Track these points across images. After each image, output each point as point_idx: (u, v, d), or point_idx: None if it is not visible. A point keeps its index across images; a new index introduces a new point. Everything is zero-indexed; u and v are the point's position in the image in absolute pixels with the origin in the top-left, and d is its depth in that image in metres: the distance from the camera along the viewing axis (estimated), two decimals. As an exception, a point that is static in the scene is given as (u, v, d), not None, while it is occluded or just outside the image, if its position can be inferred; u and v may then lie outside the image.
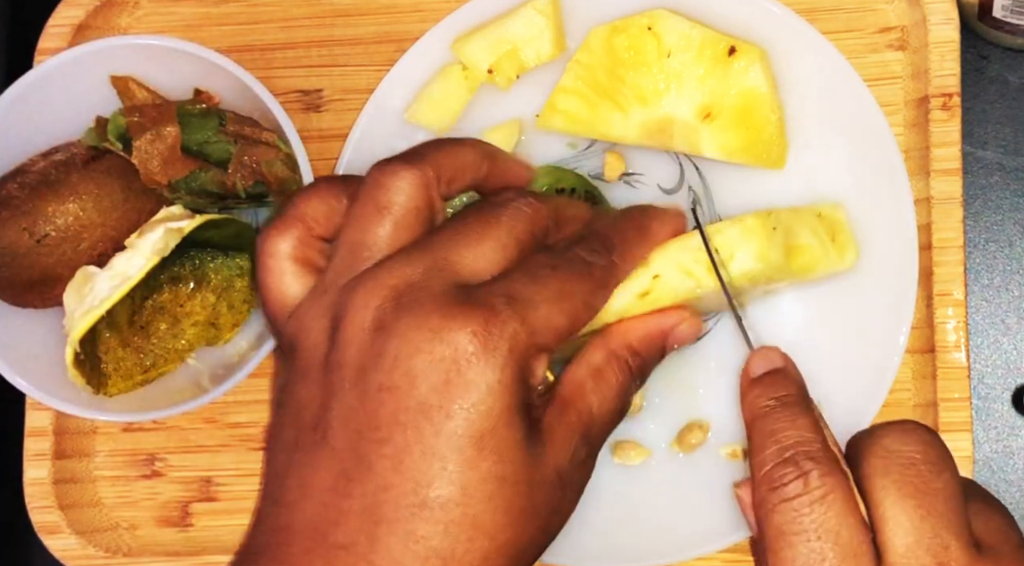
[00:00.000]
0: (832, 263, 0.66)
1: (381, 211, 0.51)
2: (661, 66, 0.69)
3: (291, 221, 0.53)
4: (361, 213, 0.52)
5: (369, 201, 0.52)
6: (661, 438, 0.70)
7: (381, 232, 0.51)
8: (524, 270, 0.51)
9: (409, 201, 0.52)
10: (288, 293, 0.53)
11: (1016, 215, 0.74)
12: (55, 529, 0.73)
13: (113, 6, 0.76)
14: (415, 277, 0.49)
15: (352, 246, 0.51)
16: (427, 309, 0.48)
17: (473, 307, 0.48)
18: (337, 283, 0.51)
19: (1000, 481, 0.72)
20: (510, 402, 0.48)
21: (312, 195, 0.54)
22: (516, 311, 0.49)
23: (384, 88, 0.72)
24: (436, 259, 0.50)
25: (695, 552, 0.68)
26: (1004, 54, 0.75)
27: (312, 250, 0.53)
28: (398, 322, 0.48)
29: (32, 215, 0.69)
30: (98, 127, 0.72)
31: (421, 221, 0.52)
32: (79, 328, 0.67)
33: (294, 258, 0.53)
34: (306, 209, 0.54)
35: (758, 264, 0.61)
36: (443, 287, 0.49)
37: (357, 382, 0.48)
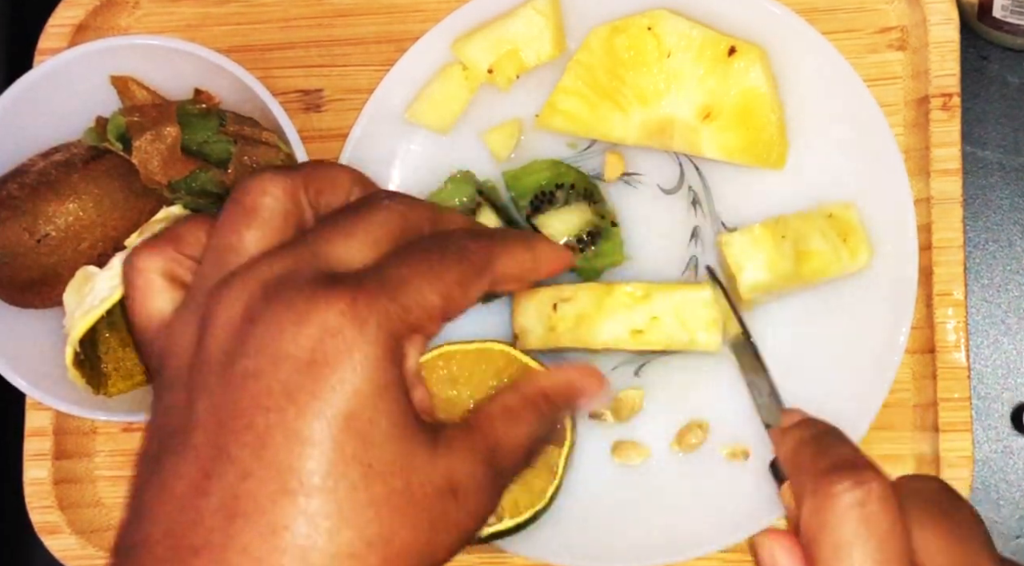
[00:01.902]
0: (844, 265, 0.66)
1: (248, 214, 0.50)
2: (661, 66, 0.69)
3: (162, 240, 0.52)
4: (227, 217, 0.50)
5: (236, 205, 0.50)
6: (661, 438, 0.70)
7: (248, 235, 0.49)
8: (396, 256, 0.49)
9: (276, 203, 0.50)
10: (156, 309, 0.51)
11: (1016, 215, 0.74)
12: (55, 529, 0.73)
13: (113, 6, 0.76)
14: (282, 269, 0.47)
15: (219, 250, 0.50)
16: (295, 294, 0.46)
17: (337, 287, 0.46)
18: (204, 287, 0.49)
19: (1000, 481, 0.72)
20: (381, 382, 0.45)
21: (188, 220, 0.53)
22: (385, 288, 0.47)
23: (384, 88, 0.72)
24: (305, 251, 0.48)
25: (695, 552, 0.68)
26: (1004, 54, 0.75)
27: (182, 268, 0.51)
28: (266, 310, 0.46)
29: (32, 215, 0.69)
30: (98, 127, 0.72)
31: (289, 225, 0.50)
32: (79, 328, 0.67)
33: (163, 274, 0.51)
34: (179, 230, 0.52)
35: (767, 275, 0.61)
36: (313, 275, 0.47)
37: (221, 374, 0.46)
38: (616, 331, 0.58)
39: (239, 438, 0.45)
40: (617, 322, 0.58)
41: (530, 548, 0.68)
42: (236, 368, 0.45)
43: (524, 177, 0.71)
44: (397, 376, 0.46)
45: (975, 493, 0.72)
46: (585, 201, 0.70)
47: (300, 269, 0.47)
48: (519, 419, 0.52)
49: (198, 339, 0.47)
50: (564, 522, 0.69)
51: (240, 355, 0.46)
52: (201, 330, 0.47)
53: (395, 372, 0.46)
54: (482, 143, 0.72)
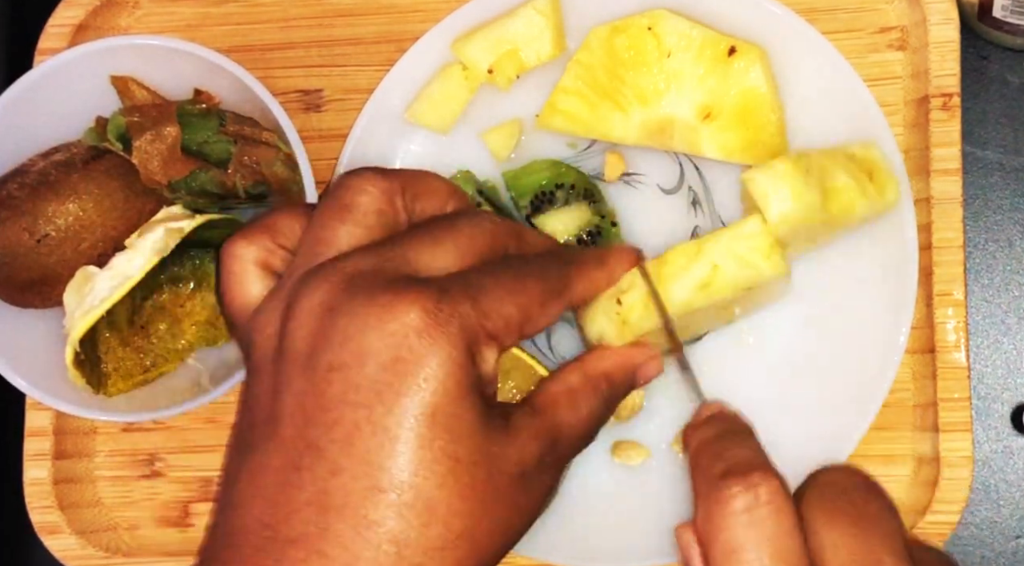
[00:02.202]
0: (873, 202, 0.65)
1: (343, 210, 0.51)
2: (661, 66, 0.69)
3: (258, 229, 0.54)
4: (324, 211, 0.52)
5: (333, 200, 0.52)
6: (661, 438, 0.70)
7: (342, 230, 0.51)
8: (480, 268, 0.51)
9: (372, 203, 0.51)
10: (250, 296, 0.52)
11: (1016, 215, 0.74)
12: (55, 529, 0.73)
13: (113, 6, 0.76)
14: (367, 266, 0.49)
15: (312, 242, 0.51)
16: (377, 289, 0.47)
17: (423, 286, 0.47)
18: (294, 276, 0.50)
19: (1000, 481, 0.72)
20: (461, 380, 0.47)
21: (283, 210, 0.54)
22: (468, 294, 0.48)
23: (384, 88, 0.72)
24: (392, 253, 0.50)
25: (695, 552, 0.68)
26: (1004, 54, 0.75)
27: (276, 258, 0.53)
28: (350, 303, 0.47)
29: (32, 215, 0.69)
30: (98, 127, 0.72)
31: (383, 225, 0.52)
32: (79, 328, 0.67)
33: (257, 262, 0.53)
34: (274, 221, 0.54)
35: (796, 204, 0.60)
36: (397, 274, 0.48)
37: (306, 365, 0.47)
38: (685, 294, 0.58)
39: (328, 433, 0.46)
40: (682, 286, 0.58)
41: (530, 548, 0.68)
42: (320, 361, 0.47)
43: (524, 177, 0.71)
44: (476, 375, 0.48)
45: (975, 493, 0.72)
46: (585, 201, 0.70)
47: (384, 267, 0.49)
48: (582, 400, 0.54)
49: (281, 327, 0.49)
50: (564, 522, 0.69)
51: (324, 348, 0.47)
52: (284, 318, 0.49)
53: (474, 371, 0.48)
54: (482, 143, 0.72)
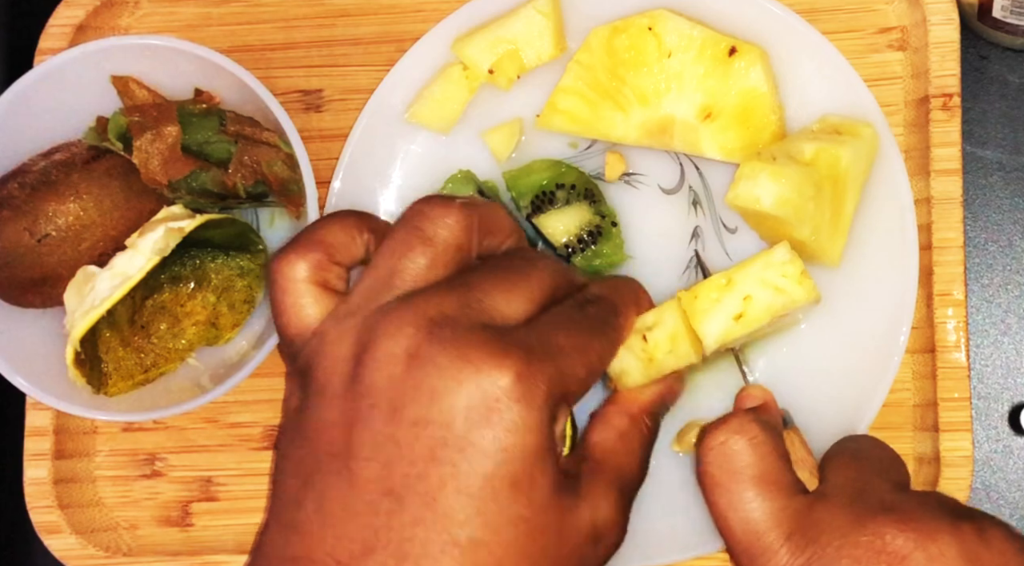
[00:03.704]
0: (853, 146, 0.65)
1: (423, 241, 0.51)
2: (661, 66, 0.69)
3: (311, 245, 0.53)
4: (401, 240, 0.51)
5: (412, 229, 0.51)
6: (661, 438, 0.70)
7: (419, 262, 0.50)
8: (551, 322, 0.51)
9: (452, 237, 0.51)
10: (305, 315, 0.52)
11: (1016, 215, 0.74)
12: (55, 529, 0.73)
13: (113, 6, 0.76)
14: (451, 310, 0.48)
15: (386, 271, 0.50)
16: (465, 343, 0.47)
17: (512, 347, 0.48)
18: (365, 307, 0.50)
19: (1000, 481, 0.72)
20: (541, 444, 0.48)
21: (334, 223, 0.54)
22: (551, 357, 0.49)
23: (384, 88, 0.72)
24: (470, 297, 0.49)
25: (695, 552, 0.68)
26: (1004, 54, 0.75)
27: (331, 275, 0.52)
28: (435, 354, 0.47)
29: (33, 215, 0.69)
30: (98, 127, 0.72)
31: (459, 261, 0.51)
32: (79, 328, 0.67)
33: (312, 281, 0.52)
34: (326, 235, 0.53)
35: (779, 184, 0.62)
36: (478, 324, 0.48)
37: (390, 413, 0.47)
38: (720, 328, 0.59)
39: (411, 485, 0.47)
40: (717, 320, 0.59)
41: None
42: (407, 413, 0.47)
43: (524, 177, 0.71)
44: (552, 439, 0.49)
45: (975, 493, 0.72)
46: (585, 201, 0.70)
47: (464, 315, 0.49)
48: (633, 442, 0.56)
49: (356, 359, 0.48)
50: (564, 522, 0.69)
51: (411, 399, 0.47)
52: (360, 351, 0.48)
53: (551, 435, 0.49)
54: (482, 143, 0.72)
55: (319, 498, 0.48)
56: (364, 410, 0.48)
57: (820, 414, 0.68)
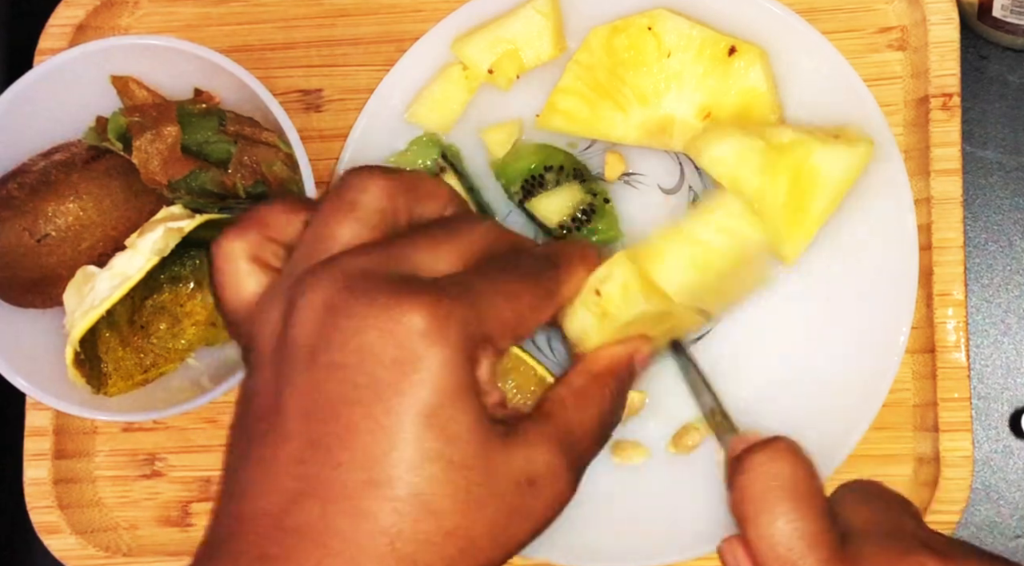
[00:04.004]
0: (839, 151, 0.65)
1: (345, 207, 0.52)
2: (661, 66, 0.69)
3: (248, 224, 0.54)
4: (326, 208, 0.52)
5: (336, 197, 0.52)
6: (661, 438, 0.70)
7: (344, 227, 0.51)
8: (475, 271, 0.51)
9: (375, 201, 0.52)
10: (244, 292, 0.53)
11: (1016, 215, 0.74)
12: (55, 529, 0.73)
13: (113, 6, 0.76)
14: (369, 265, 0.49)
15: (313, 239, 0.52)
16: (379, 290, 0.48)
17: (424, 288, 0.48)
18: (294, 273, 0.51)
19: (1000, 481, 0.72)
20: (459, 382, 0.48)
21: (272, 203, 0.54)
22: (466, 296, 0.49)
23: (384, 88, 0.72)
24: (392, 252, 0.50)
25: (695, 552, 0.68)
26: (1004, 54, 0.75)
27: (268, 252, 0.53)
28: (350, 302, 0.48)
29: (32, 215, 0.69)
30: (98, 127, 0.72)
31: (384, 224, 0.52)
32: (79, 328, 0.67)
33: (249, 258, 0.53)
34: (264, 215, 0.54)
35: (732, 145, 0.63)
36: (397, 274, 0.49)
37: (309, 362, 0.48)
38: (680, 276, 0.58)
39: (328, 428, 0.47)
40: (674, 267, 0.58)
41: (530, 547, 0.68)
42: (321, 359, 0.48)
43: (512, 163, 0.70)
44: (472, 378, 0.49)
45: (975, 493, 0.72)
46: (576, 181, 0.70)
47: (386, 266, 0.49)
48: (590, 400, 0.55)
49: (283, 324, 0.49)
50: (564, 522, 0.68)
51: (324, 347, 0.48)
52: (286, 315, 0.49)
53: (471, 374, 0.49)
54: (482, 143, 0.72)
55: (255, 459, 0.48)
56: (287, 365, 0.49)
57: (820, 414, 0.68)
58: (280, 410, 0.48)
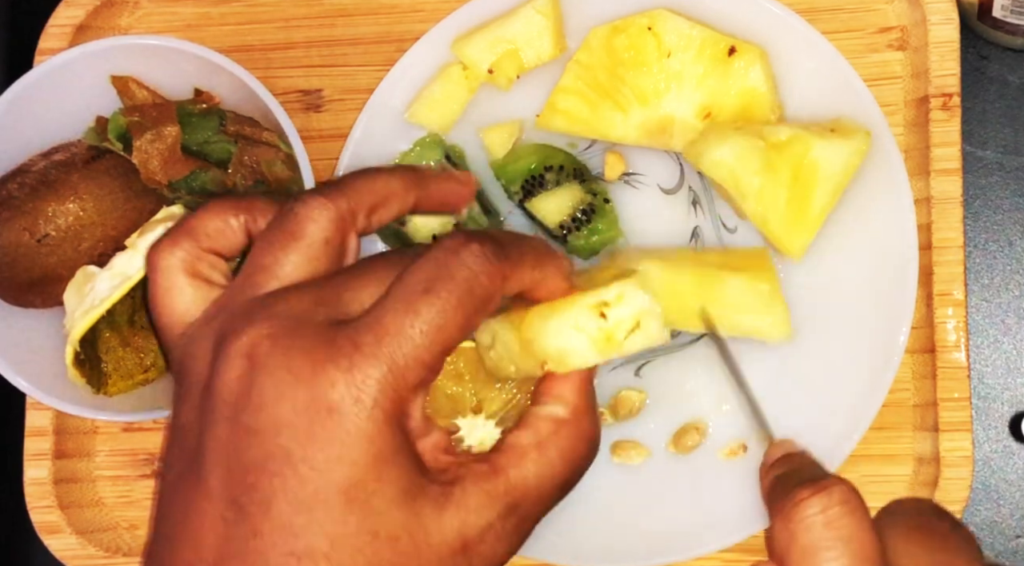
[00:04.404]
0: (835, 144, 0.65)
1: (288, 238, 0.49)
2: (661, 66, 0.69)
3: (181, 234, 0.52)
4: (267, 238, 0.50)
5: (279, 228, 0.50)
6: (661, 438, 0.70)
7: (285, 260, 0.49)
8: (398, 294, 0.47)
9: (320, 232, 0.50)
10: (179, 307, 0.51)
11: (1016, 215, 0.74)
12: (55, 529, 0.73)
13: (113, 6, 0.76)
14: (300, 310, 0.47)
15: (254, 270, 0.50)
16: (297, 347, 0.46)
17: (339, 350, 0.46)
18: (228, 306, 0.49)
19: (1000, 481, 0.72)
20: (381, 451, 0.46)
21: (204, 210, 0.52)
22: (383, 352, 0.46)
23: (384, 88, 0.72)
24: (324, 292, 0.48)
25: (695, 552, 0.68)
26: (1004, 54, 0.75)
27: (203, 263, 0.52)
28: (269, 359, 0.46)
29: (32, 215, 0.69)
30: (98, 127, 0.72)
31: (330, 256, 0.50)
32: (79, 327, 0.67)
33: (184, 271, 0.51)
34: (197, 224, 0.52)
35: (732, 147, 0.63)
36: (322, 323, 0.47)
37: (231, 419, 0.46)
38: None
39: (248, 495, 0.45)
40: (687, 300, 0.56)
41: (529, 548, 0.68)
42: (241, 419, 0.46)
43: (512, 164, 0.71)
44: (399, 440, 0.46)
45: (975, 493, 0.72)
46: (576, 180, 0.70)
47: (313, 312, 0.47)
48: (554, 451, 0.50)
49: (212, 364, 0.47)
50: (564, 522, 0.69)
51: (244, 407, 0.46)
52: (215, 354, 0.47)
53: (396, 437, 0.46)
54: (482, 143, 0.72)
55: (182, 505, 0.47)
56: (210, 414, 0.47)
57: (820, 414, 0.68)
58: (203, 459, 0.47)
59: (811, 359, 0.69)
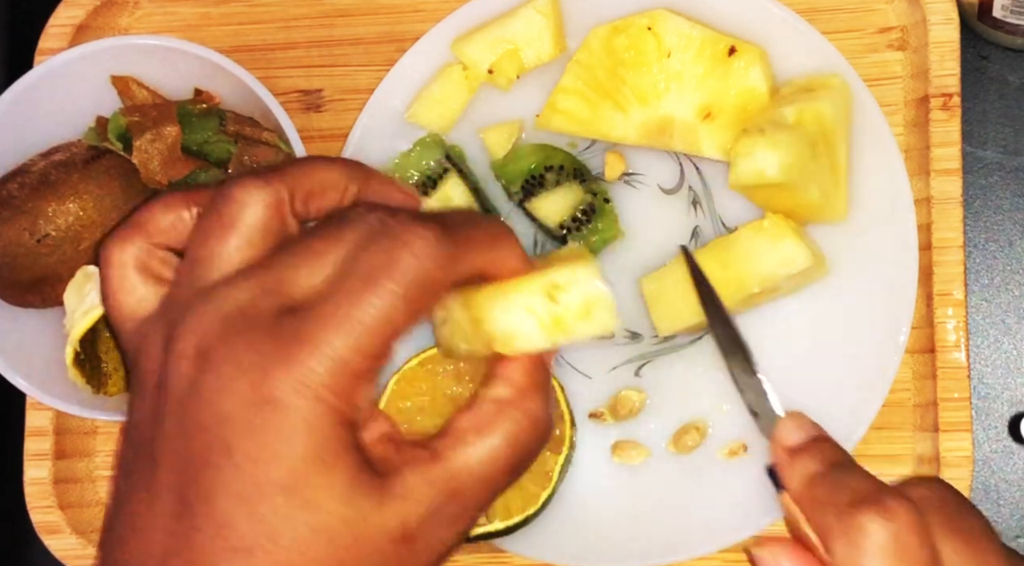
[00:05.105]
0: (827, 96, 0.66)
1: (226, 226, 0.49)
2: (661, 66, 0.69)
3: (132, 230, 0.51)
4: (206, 227, 0.49)
5: (215, 215, 0.49)
6: (661, 438, 0.70)
7: (224, 248, 0.48)
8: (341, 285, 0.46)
9: (256, 218, 0.49)
10: (130, 304, 0.50)
11: (1016, 215, 0.74)
12: (55, 529, 0.73)
13: (113, 6, 0.76)
14: (245, 300, 0.46)
15: (194, 261, 0.49)
16: (243, 340, 0.46)
17: (281, 342, 0.45)
18: (175, 301, 0.48)
19: (1000, 481, 0.72)
20: (322, 446, 0.45)
21: (155, 204, 0.51)
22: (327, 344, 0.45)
23: (384, 88, 0.72)
24: (269, 281, 0.47)
25: (695, 552, 0.68)
26: (1004, 54, 0.75)
27: (154, 260, 0.51)
28: (215, 353, 0.46)
29: (32, 215, 0.69)
30: (98, 127, 0.72)
31: (269, 240, 0.49)
32: (79, 327, 0.67)
33: (135, 267, 0.51)
34: (148, 218, 0.51)
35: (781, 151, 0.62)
36: (269, 313, 0.46)
37: (180, 415, 0.46)
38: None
39: (194, 490, 0.45)
40: None
41: (530, 548, 0.68)
42: (188, 414, 0.46)
43: (512, 164, 0.71)
44: (341, 432, 0.46)
45: (975, 493, 0.72)
46: (576, 180, 0.70)
47: (259, 302, 0.47)
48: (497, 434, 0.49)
49: (162, 359, 0.47)
50: (564, 522, 0.69)
51: (192, 403, 0.46)
52: (165, 351, 0.47)
53: (339, 429, 0.46)
54: (482, 143, 0.72)
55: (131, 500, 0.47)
56: (162, 409, 0.47)
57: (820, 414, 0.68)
58: (155, 456, 0.47)
59: (811, 359, 0.69)
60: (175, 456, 0.46)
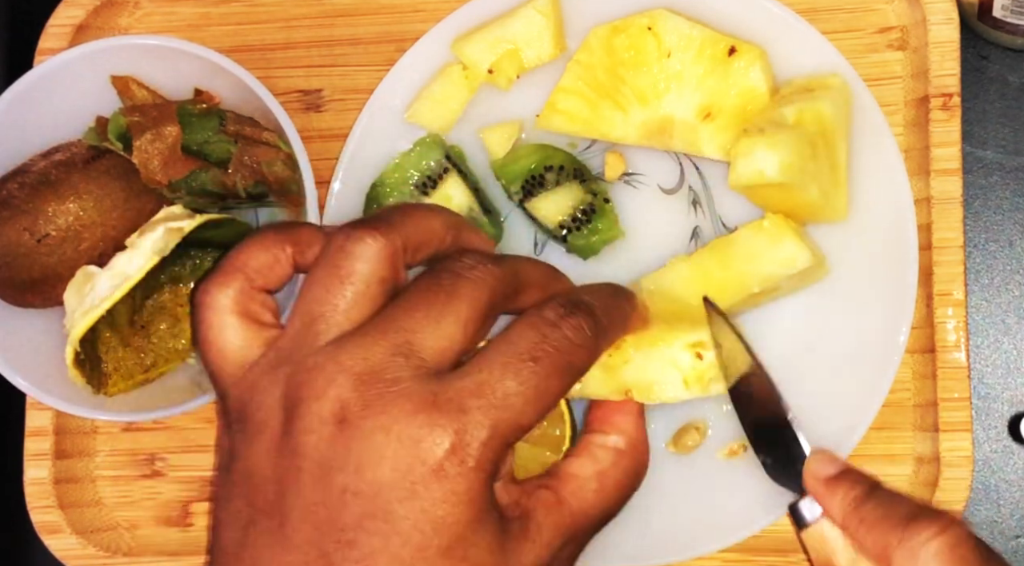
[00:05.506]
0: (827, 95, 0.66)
1: (343, 280, 0.49)
2: (661, 66, 0.69)
3: (231, 273, 0.51)
4: (321, 280, 0.49)
5: (331, 268, 0.49)
6: (661, 438, 0.70)
7: (341, 303, 0.48)
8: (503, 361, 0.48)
9: (373, 272, 0.49)
10: (230, 348, 0.50)
11: (1016, 215, 0.74)
12: (55, 529, 0.73)
13: (113, 6, 0.76)
14: (378, 363, 0.47)
15: (310, 315, 0.49)
16: (396, 409, 0.46)
17: (443, 413, 0.46)
18: (293, 356, 0.48)
19: (1000, 481, 0.72)
20: (479, 510, 0.47)
21: (252, 245, 0.51)
22: (488, 417, 0.47)
23: (384, 88, 0.72)
24: (398, 341, 0.48)
25: (695, 552, 0.68)
26: (1004, 54, 0.75)
27: (254, 303, 0.51)
28: (363, 421, 0.46)
29: (33, 215, 0.69)
30: (98, 127, 0.72)
31: (384, 293, 0.49)
32: (79, 327, 0.67)
33: (235, 311, 0.50)
34: (247, 260, 0.51)
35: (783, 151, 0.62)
36: (410, 379, 0.47)
37: (320, 478, 0.46)
38: None
39: (344, 552, 0.46)
40: None
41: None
42: (335, 481, 0.46)
43: (512, 164, 0.71)
44: (488, 494, 0.47)
45: (975, 493, 0.72)
46: (576, 180, 0.70)
47: (392, 364, 0.47)
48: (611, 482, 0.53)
49: (286, 415, 0.47)
50: (564, 522, 0.69)
51: (339, 468, 0.46)
52: (290, 407, 0.47)
53: (489, 491, 0.47)
54: (482, 143, 0.72)
55: (256, 556, 0.47)
56: (294, 472, 0.47)
57: (820, 414, 0.68)
58: (285, 513, 0.47)
59: (811, 359, 0.69)
60: (315, 519, 0.46)
